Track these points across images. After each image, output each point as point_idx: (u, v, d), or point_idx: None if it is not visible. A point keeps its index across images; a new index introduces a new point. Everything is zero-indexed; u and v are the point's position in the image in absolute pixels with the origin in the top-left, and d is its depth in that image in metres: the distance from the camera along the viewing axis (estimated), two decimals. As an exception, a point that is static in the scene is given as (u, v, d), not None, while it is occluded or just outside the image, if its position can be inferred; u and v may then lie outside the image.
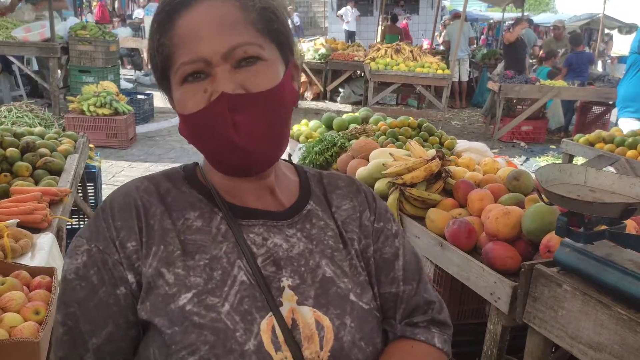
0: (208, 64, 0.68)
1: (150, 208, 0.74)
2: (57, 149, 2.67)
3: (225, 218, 0.75)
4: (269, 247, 0.75)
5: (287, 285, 0.73)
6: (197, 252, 0.72)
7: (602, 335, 1.22)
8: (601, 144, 3.66)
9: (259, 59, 0.70)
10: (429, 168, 2.10)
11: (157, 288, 0.69)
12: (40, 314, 1.27)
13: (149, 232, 0.72)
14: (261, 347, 0.67)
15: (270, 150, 0.73)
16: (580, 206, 1.25)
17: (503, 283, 1.54)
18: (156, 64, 0.73)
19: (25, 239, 1.74)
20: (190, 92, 0.70)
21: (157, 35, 0.71)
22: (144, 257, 0.71)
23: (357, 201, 0.85)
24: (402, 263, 0.84)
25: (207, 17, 0.68)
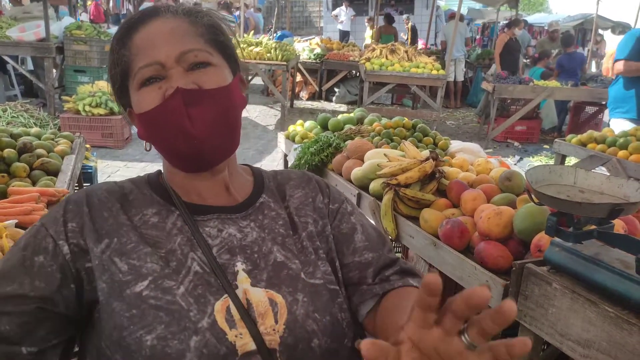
0: (163, 67, 0.77)
1: (107, 203, 0.80)
2: (54, 150, 2.68)
3: (181, 215, 0.82)
4: (224, 237, 0.81)
5: (241, 269, 0.79)
6: (154, 245, 0.78)
7: (590, 332, 1.25)
8: (593, 144, 3.70)
9: (209, 64, 0.79)
10: (422, 169, 2.13)
11: (111, 273, 0.73)
12: (40, 313, 1.29)
13: (101, 224, 0.77)
14: (215, 324, 0.72)
15: (222, 142, 0.81)
16: (569, 206, 1.28)
17: (495, 282, 1.57)
18: (116, 75, 0.82)
19: (23, 239, 1.76)
20: (147, 93, 0.77)
21: (117, 48, 0.80)
22: (94, 240, 0.75)
23: (308, 188, 0.94)
24: (360, 235, 0.91)
25: (161, 29, 0.78)
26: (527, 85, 7.22)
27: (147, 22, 0.79)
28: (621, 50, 4.04)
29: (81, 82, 6.77)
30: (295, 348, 0.75)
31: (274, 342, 0.74)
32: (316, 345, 0.76)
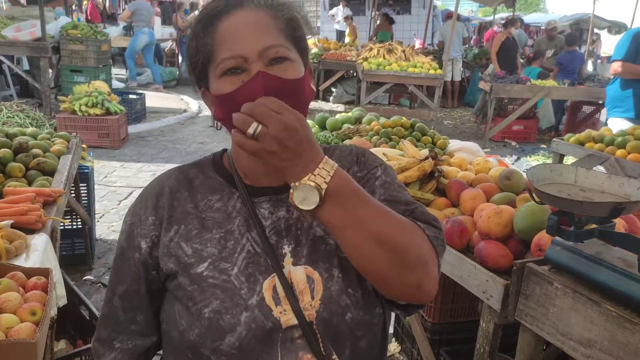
0: (245, 60, 0.80)
1: (176, 193, 0.91)
2: (50, 150, 2.66)
3: (241, 197, 0.90)
4: (274, 220, 0.89)
5: (288, 251, 0.87)
6: (214, 227, 0.88)
7: (592, 332, 1.24)
8: (591, 143, 3.70)
9: (286, 59, 0.83)
10: (422, 168, 2.12)
11: (178, 257, 0.87)
12: (36, 314, 1.27)
13: (172, 213, 0.90)
14: (262, 301, 0.82)
15: None
16: (570, 205, 1.27)
17: (495, 281, 1.56)
18: (197, 60, 0.85)
19: (19, 240, 1.74)
20: (229, 82, 0.81)
21: (201, 35, 0.83)
22: (164, 230, 0.89)
23: (346, 161, 0.97)
24: (379, 197, 0.91)
25: (245, 21, 0.82)
26: (525, 84, 7.23)
27: (232, 12, 0.82)
28: (618, 51, 4.05)
29: (77, 82, 6.73)
30: (330, 321, 0.83)
31: (312, 316, 0.83)
32: (349, 318, 0.84)
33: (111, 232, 4.03)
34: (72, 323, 2.47)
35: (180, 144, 6.72)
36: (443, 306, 2.30)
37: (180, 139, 6.97)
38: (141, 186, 5.10)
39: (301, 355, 0.82)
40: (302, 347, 0.82)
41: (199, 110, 8.93)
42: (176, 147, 6.51)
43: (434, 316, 2.32)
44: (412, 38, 13.09)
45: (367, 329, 0.87)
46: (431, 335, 2.30)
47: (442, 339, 2.33)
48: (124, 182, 5.15)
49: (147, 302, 0.91)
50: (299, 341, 0.82)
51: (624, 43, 4.01)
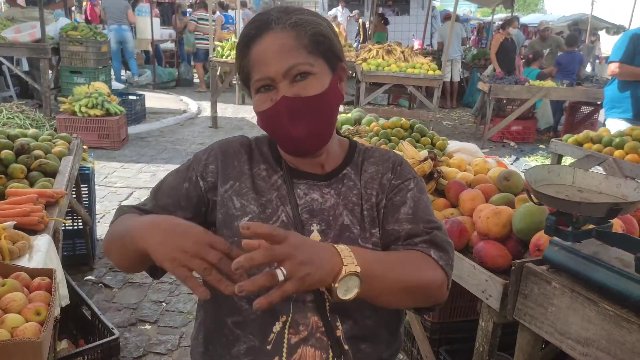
0: (273, 80, 0.96)
1: (237, 154, 1.08)
2: (52, 151, 2.67)
3: (283, 175, 1.06)
4: (307, 200, 1.04)
5: (315, 229, 1.01)
6: (260, 192, 1.04)
7: (590, 331, 1.26)
8: (589, 144, 3.72)
9: (309, 73, 0.96)
10: (421, 169, 2.14)
11: (228, 207, 1.02)
12: (41, 314, 1.29)
13: (229, 168, 1.06)
14: None
15: (316, 139, 1.01)
16: (568, 206, 1.29)
17: (494, 281, 1.58)
18: (242, 77, 1.02)
19: (22, 240, 1.75)
20: (262, 99, 0.98)
21: (240, 57, 1.00)
22: (221, 182, 1.05)
23: (382, 166, 1.09)
24: (407, 209, 1.04)
25: (271, 46, 0.95)
26: (523, 85, 7.25)
27: (262, 36, 0.96)
28: (616, 52, 4.06)
29: (77, 83, 6.74)
30: None
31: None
32: (359, 300, 0.91)
33: (111, 233, 4.04)
34: (74, 323, 2.49)
35: (180, 144, 6.73)
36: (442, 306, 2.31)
37: (180, 140, 6.98)
38: (141, 187, 5.16)
39: (310, 316, 0.96)
40: (311, 309, 0.96)
41: (199, 111, 8.94)
42: (176, 148, 6.52)
43: (433, 315, 2.34)
44: (411, 39, 13.12)
45: (373, 312, 0.99)
46: (431, 335, 2.32)
47: (442, 338, 2.34)
48: (124, 183, 5.16)
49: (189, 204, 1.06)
50: (309, 304, 0.96)
51: (622, 44, 4.03)
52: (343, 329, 0.97)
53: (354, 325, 0.98)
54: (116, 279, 3.34)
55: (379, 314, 1.01)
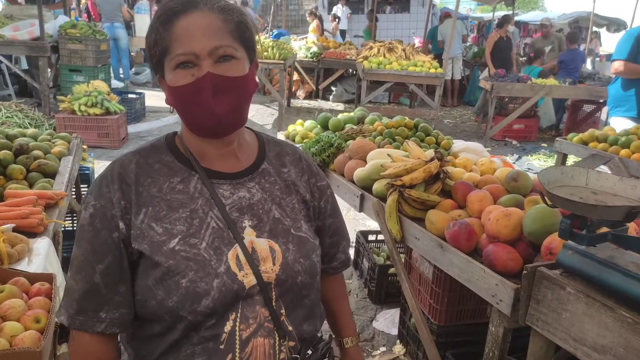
0: (197, 57, 0.94)
1: (139, 179, 1.01)
2: (51, 151, 2.63)
3: (200, 179, 1.03)
4: (234, 199, 1.04)
5: (248, 225, 1.03)
6: (180, 207, 1.00)
7: (607, 338, 1.22)
8: (595, 142, 3.68)
9: (233, 57, 0.97)
10: (428, 169, 2.10)
11: (151, 237, 0.97)
12: (41, 322, 1.25)
13: (138, 197, 0.99)
14: (229, 269, 0.98)
15: (235, 119, 1.01)
16: (583, 209, 1.25)
17: (505, 285, 1.54)
18: (155, 52, 0.97)
19: (21, 244, 1.71)
20: (181, 75, 0.95)
21: (160, 30, 0.95)
22: (134, 213, 0.98)
23: (298, 167, 1.17)
24: (331, 205, 1.23)
25: (198, 22, 0.94)
26: (525, 83, 7.21)
27: (188, 12, 0.94)
28: (619, 50, 4.03)
29: (77, 81, 6.69)
30: (285, 282, 1.03)
31: (271, 278, 1.01)
32: (299, 280, 1.05)
33: (112, 233, 4.00)
34: (74, 326, 2.45)
35: (180, 143, 6.68)
36: (449, 308, 2.28)
37: (180, 139, 6.94)
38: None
39: (258, 309, 1.00)
40: (259, 302, 1.01)
41: (199, 110, 8.89)
42: (176, 147, 6.47)
43: (439, 319, 2.30)
44: (411, 37, 13.06)
45: (310, 290, 1.09)
46: (437, 338, 2.28)
47: (448, 341, 2.31)
48: (124, 183, 5.12)
49: (128, 274, 1.00)
50: (257, 297, 1.00)
51: (626, 42, 4.00)
52: (286, 313, 1.04)
53: (295, 307, 1.07)
54: (117, 280, 3.31)
55: (314, 293, 1.12)
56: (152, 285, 0.96)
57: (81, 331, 0.98)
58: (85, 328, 0.97)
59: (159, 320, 0.97)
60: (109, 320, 0.97)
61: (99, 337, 0.98)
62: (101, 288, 0.97)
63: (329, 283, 1.31)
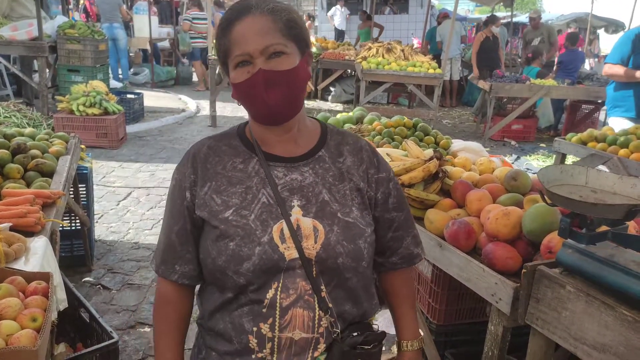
0: (251, 57, 1.07)
1: (208, 158, 1.18)
2: (49, 151, 2.62)
3: (259, 161, 1.16)
4: (287, 180, 1.14)
5: (296, 205, 1.13)
6: (238, 183, 1.15)
7: (607, 337, 1.22)
8: (593, 142, 3.68)
9: (282, 53, 1.08)
10: (427, 168, 2.09)
11: (211, 206, 1.13)
12: (37, 321, 1.24)
13: (205, 172, 1.16)
14: (272, 240, 1.09)
15: (287, 107, 1.12)
16: (583, 207, 1.25)
17: (504, 284, 1.54)
18: (220, 56, 1.13)
19: (18, 243, 1.70)
20: (240, 72, 1.09)
21: (221, 36, 1.11)
22: (200, 186, 1.15)
23: (357, 157, 1.22)
24: (394, 198, 1.25)
25: (251, 26, 1.07)
26: (524, 83, 7.21)
27: (242, 18, 1.08)
28: (613, 52, 4.08)
29: (75, 81, 6.68)
30: (326, 261, 1.10)
31: (311, 255, 1.10)
32: (340, 262, 1.11)
33: (110, 233, 3.99)
34: (71, 326, 2.44)
35: (179, 143, 6.68)
36: (448, 308, 2.27)
37: (179, 139, 6.93)
38: (140, 186, 5.10)
39: (298, 282, 1.09)
40: (300, 276, 1.09)
41: (197, 110, 8.89)
42: (175, 147, 6.46)
43: (438, 318, 2.29)
44: (410, 37, 13.06)
45: (353, 273, 1.14)
46: (436, 337, 2.27)
47: (447, 340, 2.30)
48: (123, 182, 5.11)
49: (193, 236, 1.17)
50: (298, 271, 1.09)
51: (621, 45, 4.04)
52: (327, 291, 1.11)
53: (337, 287, 1.13)
54: (115, 280, 3.30)
55: (358, 277, 1.16)
56: (209, 245, 1.12)
57: (162, 278, 1.19)
58: (164, 275, 1.18)
59: (215, 279, 1.13)
60: (181, 272, 1.17)
61: (173, 285, 1.19)
62: (176, 245, 1.17)
63: (389, 279, 1.32)
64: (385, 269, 1.30)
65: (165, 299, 1.21)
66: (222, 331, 1.14)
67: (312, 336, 1.11)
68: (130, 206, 4.53)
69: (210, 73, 7.82)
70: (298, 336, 1.10)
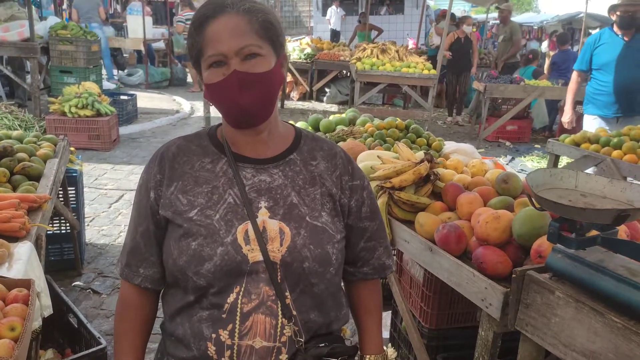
0: (225, 57, 1.04)
1: (176, 158, 1.15)
2: (36, 154, 2.59)
3: (228, 161, 1.14)
4: (255, 181, 1.13)
5: (263, 206, 1.11)
6: (205, 183, 1.12)
7: (596, 344, 1.20)
8: (587, 144, 3.67)
9: (257, 54, 1.06)
10: (417, 171, 2.07)
11: (176, 206, 1.11)
12: (16, 330, 1.21)
13: (173, 172, 1.14)
14: (235, 241, 1.06)
15: (260, 110, 1.10)
16: (572, 212, 1.23)
17: (494, 289, 1.52)
18: (192, 54, 1.09)
19: (1, 248, 1.67)
20: (214, 73, 1.06)
21: (194, 34, 1.07)
22: (166, 185, 1.13)
23: (331, 163, 1.20)
24: (367, 207, 1.23)
25: (226, 26, 1.04)
26: (519, 84, 7.21)
27: (217, 17, 1.04)
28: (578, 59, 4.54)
29: (67, 82, 6.64)
30: (291, 265, 1.07)
31: (276, 258, 1.07)
32: (306, 266, 1.08)
33: (102, 236, 3.95)
34: (60, 331, 2.41)
35: (172, 145, 6.63)
36: (440, 312, 2.25)
37: (172, 141, 6.89)
38: (132, 189, 5.06)
39: (262, 286, 1.07)
40: (263, 280, 1.07)
41: (192, 111, 8.85)
42: (168, 149, 6.42)
43: (430, 322, 2.27)
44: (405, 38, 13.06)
45: (320, 279, 1.11)
46: (427, 342, 2.25)
47: (439, 345, 2.28)
48: (115, 185, 5.07)
49: (156, 238, 1.14)
50: (262, 275, 1.07)
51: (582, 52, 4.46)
52: (292, 297, 1.08)
53: (302, 293, 1.10)
54: (105, 284, 3.26)
55: (325, 284, 1.13)
56: (171, 244, 1.10)
57: (125, 281, 1.17)
58: (128, 279, 1.16)
59: (175, 281, 1.11)
60: (144, 276, 1.15)
61: (136, 288, 1.16)
62: (141, 246, 1.15)
63: (357, 290, 1.29)
64: (356, 278, 1.27)
65: (127, 303, 1.18)
66: (181, 336, 1.11)
67: (274, 345, 1.07)
68: (122, 209, 4.49)
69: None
70: (259, 344, 1.06)
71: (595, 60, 4.26)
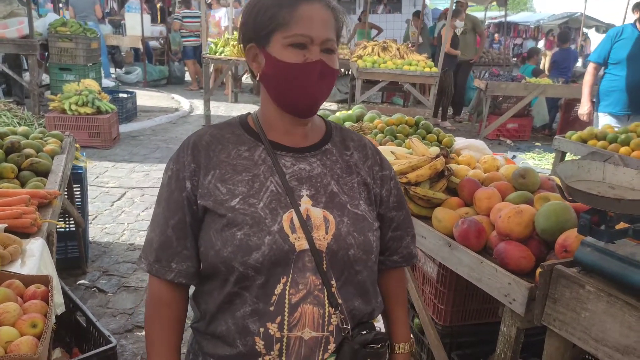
0: (311, 42, 1.04)
1: (210, 146, 1.12)
2: (43, 149, 2.55)
3: (265, 149, 1.12)
4: (295, 169, 1.11)
5: (305, 194, 1.09)
6: (244, 171, 1.10)
7: (630, 338, 1.18)
8: (594, 140, 3.66)
9: (333, 51, 1.09)
10: (433, 166, 2.05)
11: (215, 195, 1.07)
12: (37, 326, 1.18)
13: (208, 161, 1.10)
14: (282, 229, 1.04)
15: (320, 102, 1.11)
16: (606, 204, 1.21)
17: (518, 284, 1.50)
18: (268, 24, 1.05)
19: (14, 245, 1.64)
20: (294, 53, 1.04)
21: (281, 6, 1.04)
22: (203, 174, 1.09)
23: (362, 153, 1.22)
24: (394, 197, 1.24)
25: (319, 14, 1.05)
26: (520, 82, 7.20)
27: (310, 2, 1.05)
28: (596, 51, 4.50)
29: (67, 80, 6.58)
30: (337, 253, 1.07)
31: (322, 246, 1.06)
32: (352, 254, 1.08)
33: (105, 235, 3.91)
34: (67, 330, 2.36)
35: (173, 143, 6.59)
36: (454, 309, 2.23)
37: (173, 139, 6.84)
38: (134, 187, 5.02)
39: (308, 276, 1.05)
40: (309, 269, 1.05)
41: (191, 109, 8.80)
42: (169, 147, 6.38)
43: (444, 319, 2.25)
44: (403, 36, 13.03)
45: (363, 266, 1.11)
46: (442, 339, 2.23)
47: (453, 342, 2.26)
48: (117, 183, 5.03)
49: (192, 230, 1.11)
50: (308, 264, 1.05)
51: (601, 44, 4.41)
52: (337, 286, 1.08)
53: (347, 281, 1.09)
54: (110, 283, 3.22)
55: (367, 271, 1.13)
56: (212, 235, 1.06)
57: (156, 277, 1.11)
58: (159, 275, 1.10)
59: (217, 272, 1.07)
60: (177, 270, 1.10)
61: (169, 284, 1.12)
62: (173, 241, 1.10)
63: (386, 279, 1.29)
64: (385, 267, 1.27)
65: (160, 301, 1.13)
66: (223, 334, 1.07)
67: (322, 335, 1.06)
68: (125, 207, 4.45)
69: (205, 71, 7.74)
70: (308, 335, 1.05)
71: (613, 54, 4.23)
